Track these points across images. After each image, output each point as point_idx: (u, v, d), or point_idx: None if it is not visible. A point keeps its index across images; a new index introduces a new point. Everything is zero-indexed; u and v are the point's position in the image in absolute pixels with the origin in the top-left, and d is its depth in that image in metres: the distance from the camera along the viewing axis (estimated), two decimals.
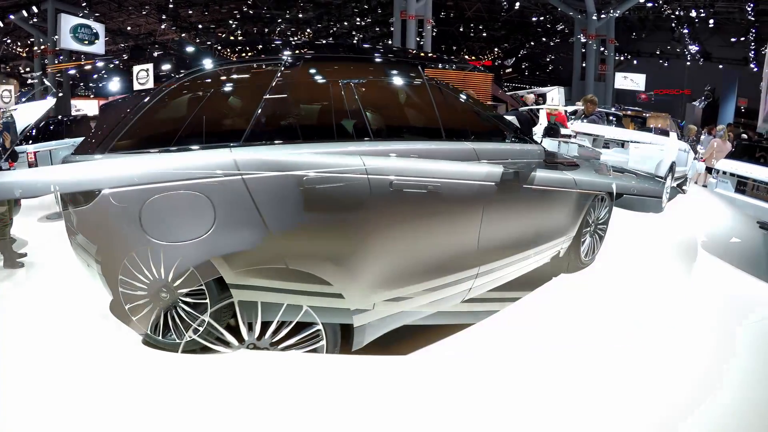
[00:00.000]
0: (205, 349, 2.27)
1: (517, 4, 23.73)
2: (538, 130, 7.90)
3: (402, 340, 3.05)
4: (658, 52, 28.59)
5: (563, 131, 4.04)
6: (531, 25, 27.89)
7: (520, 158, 3.50)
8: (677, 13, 22.39)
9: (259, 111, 2.33)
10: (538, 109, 9.86)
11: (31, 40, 23.42)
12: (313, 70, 2.73)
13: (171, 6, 24.30)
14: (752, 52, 23.89)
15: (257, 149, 2.26)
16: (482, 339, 3.32)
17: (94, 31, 19.78)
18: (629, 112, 9.99)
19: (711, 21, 23.77)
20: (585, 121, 8.84)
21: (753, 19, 20.07)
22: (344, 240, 2.50)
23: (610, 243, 5.64)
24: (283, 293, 2.32)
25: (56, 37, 19.12)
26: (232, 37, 32.18)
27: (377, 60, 3.23)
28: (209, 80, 2.38)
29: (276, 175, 2.23)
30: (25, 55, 27.83)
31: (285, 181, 2.24)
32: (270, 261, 2.26)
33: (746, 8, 19.24)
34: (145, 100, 2.12)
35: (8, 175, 1.98)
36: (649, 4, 21.75)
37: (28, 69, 27.22)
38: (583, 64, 21.85)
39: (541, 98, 10.40)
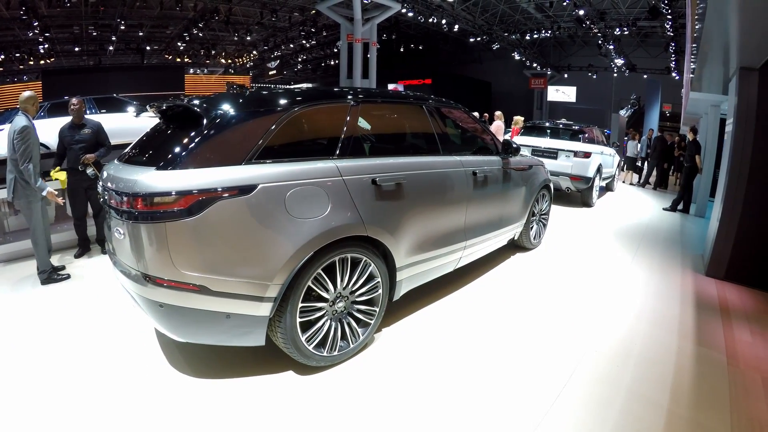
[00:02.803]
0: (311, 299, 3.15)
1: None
2: None
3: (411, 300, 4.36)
4: (587, 66, 30.16)
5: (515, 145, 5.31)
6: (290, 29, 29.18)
7: (487, 165, 4.81)
8: (605, 30, 23.80)
9: (343, 134, 3.41)
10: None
11: None
12: (368, 108, 3.82)
13: (122, 27, 24.01)
14: (673, 62, 25.30)
15: (347, 160, 3.33)
16: (472, 296, 4.75)
17: None
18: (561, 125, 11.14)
19: (635, 36, 25.43)
20: None
21: (672, 34, 21.48)
22: (395, 218, 3.59)
23: (553, 230, 7.25)
24: (362, 254, 3.34)
25: None
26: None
27: (401, 101, 4.45)
28: (311, 112, 3.34)
29: (360, 177, 3.34)
30: None
31: (365, 180, 3.36)
32: (357, 230, 3.25)
33: (666, 25, 20.64)
34: (272, 127, 3.02)
35: (180, 175, 2.69)
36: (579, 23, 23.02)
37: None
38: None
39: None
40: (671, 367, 3.50)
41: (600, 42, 25.35)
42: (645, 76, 27.80)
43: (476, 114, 11.59)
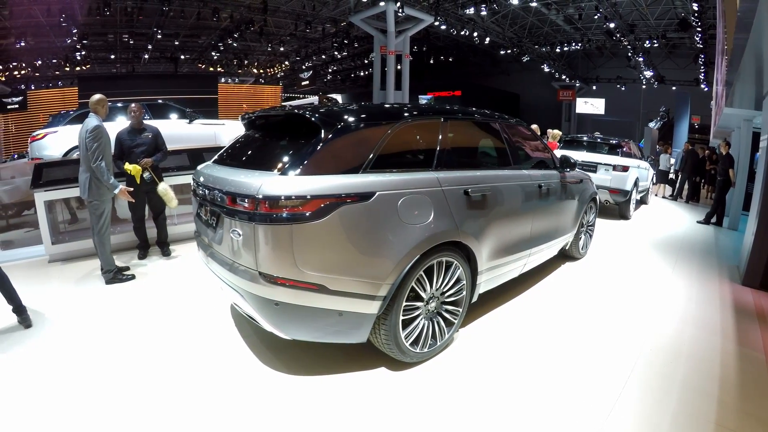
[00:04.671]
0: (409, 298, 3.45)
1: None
2: None
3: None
4: (616, 78, 30.30)
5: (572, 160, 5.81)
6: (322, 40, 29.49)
7: (548, 179, 5.23)
8: (634, 42, 23.91)
9: (438, 147, 3.79)
10: None
11: None
12: (454, 124, 4.15)
13: (159, 36, 24.45)
14: (703, 74, 25.14)
15: (444, 172, 3.71)
16: (533, 300, 5.17)
17: None
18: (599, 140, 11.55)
19: (663, 48, 25.50)
20: None
21: (702, 46, 21.53)
22: (480, 225, 3.96)
23: (596, 241, 7.58)
24: (454, 258, 3.71)
25: None
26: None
27: (478, 118, 4.66)
28: (411, 127, 3.68)
29: (455, 187, 3.72)
30: None
31: (459, 190, 3.75)
32: (453, 236, 3.62)
33: (695, 37, 20.73)
34: (382, 139, 3.35)
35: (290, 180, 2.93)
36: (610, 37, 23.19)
37: None
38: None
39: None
40: (717, 364, 3.93)
41: (629, 54, 25.47)
42: (674, 88, 27.78)
43: None
